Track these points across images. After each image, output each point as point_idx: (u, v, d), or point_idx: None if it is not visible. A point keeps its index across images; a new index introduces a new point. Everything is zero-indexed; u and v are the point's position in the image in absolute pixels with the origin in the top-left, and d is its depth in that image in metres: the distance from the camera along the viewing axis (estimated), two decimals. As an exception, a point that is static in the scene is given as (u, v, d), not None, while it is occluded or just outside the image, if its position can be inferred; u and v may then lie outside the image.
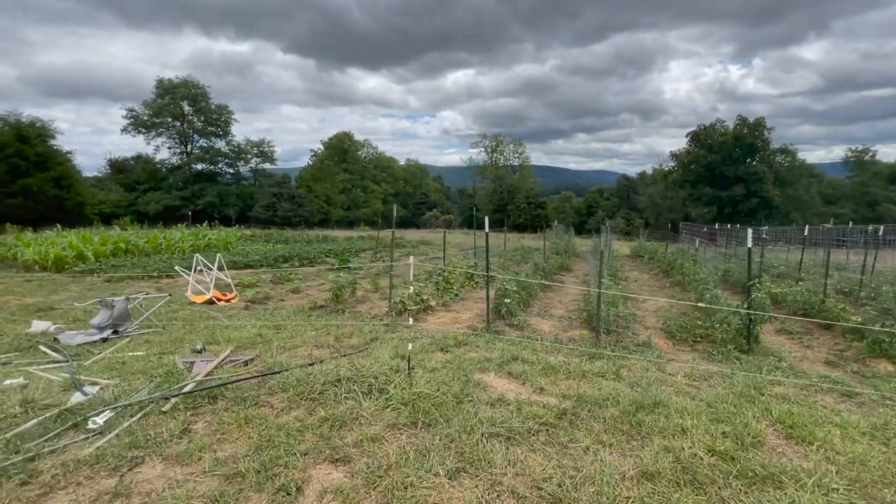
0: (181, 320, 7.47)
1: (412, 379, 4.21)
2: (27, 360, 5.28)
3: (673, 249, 18.84)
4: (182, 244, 16.94)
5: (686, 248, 19.01)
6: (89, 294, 9.67)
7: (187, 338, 6.28)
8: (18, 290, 9.95)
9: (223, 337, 6.30)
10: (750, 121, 50.27)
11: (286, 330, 6.86)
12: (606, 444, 3.37)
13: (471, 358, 5.27)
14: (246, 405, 3.88)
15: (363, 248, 21.73)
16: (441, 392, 3.96)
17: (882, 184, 51.18)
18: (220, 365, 4.86)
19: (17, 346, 5.81)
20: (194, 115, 53.00)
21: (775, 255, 17.21)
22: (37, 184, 33.60)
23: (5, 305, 8.34)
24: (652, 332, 7.38)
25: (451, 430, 3.40)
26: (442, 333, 6.69)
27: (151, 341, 6.14)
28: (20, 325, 6.87)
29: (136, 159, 54.12)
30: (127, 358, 5.31)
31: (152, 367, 4.94)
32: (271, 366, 4.83)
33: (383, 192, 73.95)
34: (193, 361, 4.98)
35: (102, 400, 3.92)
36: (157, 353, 5.55)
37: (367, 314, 8.24)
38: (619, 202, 76.36)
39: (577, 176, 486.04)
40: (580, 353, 5.79)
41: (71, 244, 13.82)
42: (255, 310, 8.52)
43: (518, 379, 4.62)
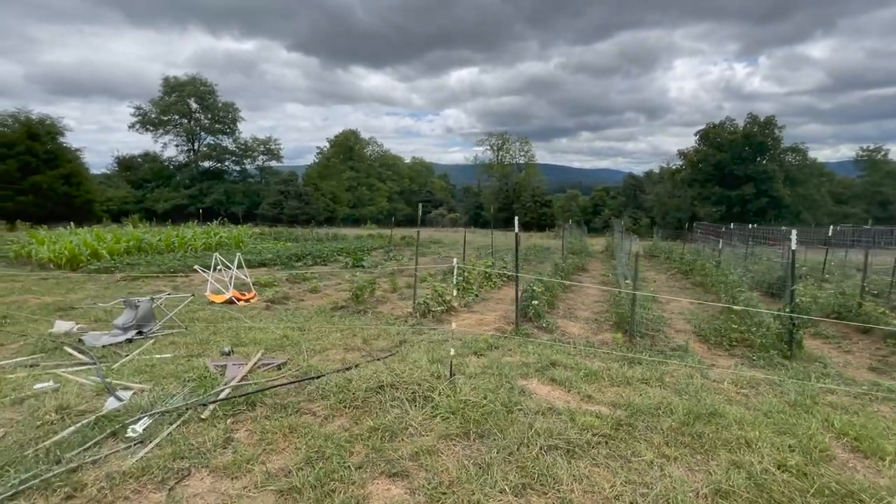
0: (203, 321, 7.35)
1: (456, 386, 4.05)
2: (54, 363, 5.17)
3: (688, 249, 18.61)
4: (194, 242, 16.86)
5: (701, 247, 18.77)
6: (107, 293, 9.58)
7: (212, 339, 6.16)
8: (36, 289, 9.88)
9: (248, 338, 6.18)
10: (760, 119, 49.77)
11: (310, 331, 6.73)
12: (670, 457, 3.21)
13: (508, 362, 5.11)
14: (287, 412, 3.74)
15: (373, 246, 21.59)
16: (488, 400, 3.80)
17: (894, 183, 50.56)
18: (252, 369, 4.72)
19: (42, 347, 5.69)
20: (201, 112, 53.08)
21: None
22: (47, 181, 33.69)
23: (25, 305, 8.26)
24: (683, 335, 7.20)
25: (506, 441, 3.24)
26: (471, 336, 6.54)
27: (177, 342, 6.02)
28: (42, 325, 6.77)
29: (144, 157, 54.28)
30: (155, 360, 5.19)
31: (182, 370, 4.81)
32: (305, 370, 4.69)
33: (389, 190, 73.85)
34: (225, 365, 4.85)
35: (139, 406, 3.79)
36: (185, 355, 5.43)
37: (390, 315, 8.10)
38: (626, 201, 75.88)
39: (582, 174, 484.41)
40: (616, 357, 5.63)
41: (85, 242, 13.75)
42: (275, 310, 8.40)
43: (562, 386, 4.46)
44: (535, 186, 75.21)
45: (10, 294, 9.25)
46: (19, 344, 5.91)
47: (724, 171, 50.62)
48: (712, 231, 20.46)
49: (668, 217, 57.05)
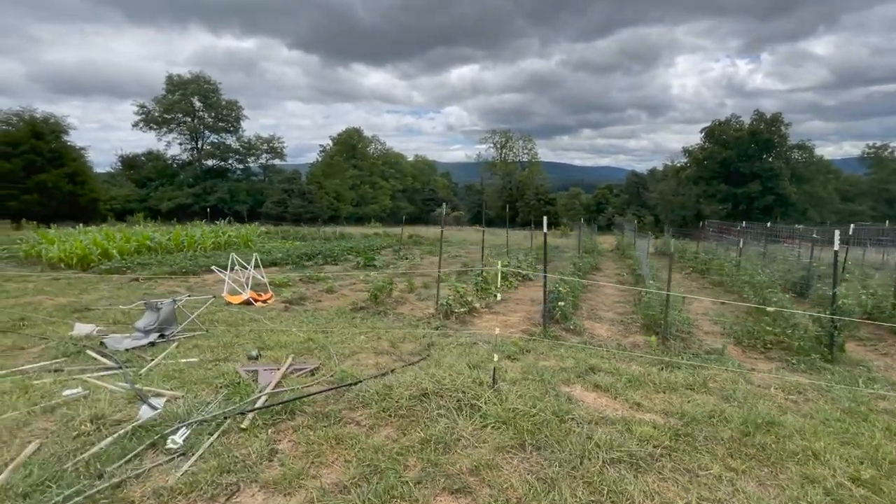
0: (222, 322, 7.22)
1: (501, 394, 3.91)
2: (78, 367, 5.04)
3: (701, 248, 18.44)
4: (204, 242, 16.73)
5: (714, 246, 18.60)
6: (121, 294, 9.46)
7: (235, 342, 6.02)
8: (49, 290, 9.75)
9: (273, 341, 6.04)
10: (767, 116, 49.46)
11: (333, 334, 6.60)
12: (738, 471, 3.06)
13: (545, 367, 4.96)
14: (329, 422, 3.60)
15: (381, 245, 21.42)
16: (538, 409, 3.66)
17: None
18: (285, 375, 4.59)
19: (64, 350, 5.56)
20: (205, 110, 52.92)
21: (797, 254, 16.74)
22: (51, 180, 33.56)
23: (40, 306, 8.13)
24: (713, 337, 7.05)
25: (566, 454, 3.10)
26: (500, 339, 6.39)
27: (200, 346, 5.88)
28: (61, 328, 6.64)
29: (147, 155, 54.14)
30: (182, 365, 5.05)
31: (212, 375, 4.67)
32: (340, 376, 4.55)
33: (392, 189, 73.69)
34: (256, 370, 4.72)
35: (175, 415, 3.65)
36: (212, 359, 5.29)
37: (411, 316, 7.96)
38: (630, 199, 75.59)
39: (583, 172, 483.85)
40: (653, 361, 5.48)
41: (95, 241, 13.63)
42: (294, 311, 8.26)
43: (607, 392, 4.31)
44: (539, 184, 74.99)
45: (23, 295, 9.13)
46: (40, 347, 5.78)
47: (729, 168, 50.34)
48: (724, 229, 20.27)
49: (673, 215, 56.81)
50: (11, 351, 5.62)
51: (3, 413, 3.78)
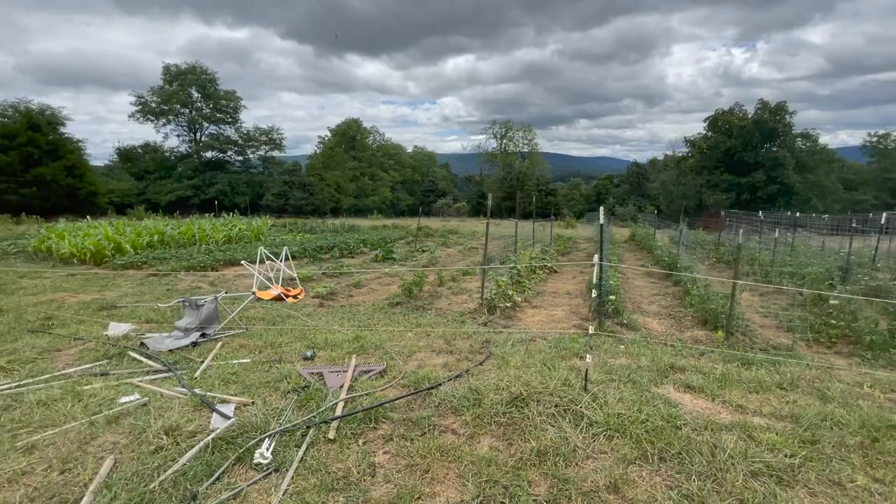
0: (258, 320, 6.92)
1: (598, 397, 3.64)
2: (126, 370, 4.73)
3: (715, 237, 18.22)
4: (215, 235, 16.35)
5: (733, 236, 18.39)
6: (143, 290, 9.12)
7: (281, 341, 5.73)
8: (67, 286, 9.39)
9: (321, 340, 5.75)
10: (771, 105, 49.13)
11: (378, 331, 6.32)
12: (884, 481, 2.82)
13: (623, 366, 4.70)
14: (420, 430, 3.33)
15: (393, 237, 21.06)
16: (645, 414, 3.40)
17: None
18: (354, 377, 4.30)
19: (105, 352, 5.25)
20: (203, 101, 52.00)
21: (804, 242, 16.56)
22: (50, 173, 32.86)
23: (63, 304, 7.78)
24: (769, 331, 6.82)
25: (698, 466, 2.84)
26: (554, 335, 6.13)
27: (246, 345, 5.59)
28: (93, 327, 6.32)
29: (145, 147, 53.23)
30: (236, 367, 4.76)
31: (273, 378, 4.38)
32: (415, 378, 4.27)
33: (391, 180, 73.11)
34: (320, 372, 4.43)
35: (252, 425, 3.37)
36: (264, 360, 5.00)
37: (451, 311, 7.68)
38: (630, 189, 75.36)
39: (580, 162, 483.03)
40: (725, 357, 5.23)
41: (108, 236, 13.23)
42: (329, 307, 7.96)
43: (702, 393, 4.06)
44: (540, 175, 74.59)
45: (42, 292, 8.77)
46: (77, 348, 5.46)
47: (733, 157, 50.09)
48: (737, 219, 20.07)
49: (674, 205, 56.61)
50: (48, 353, 5.30)
51: (61, 423, 3.49)
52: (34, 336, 5.90)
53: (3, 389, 4.20)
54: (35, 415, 3.64)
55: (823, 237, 14.44)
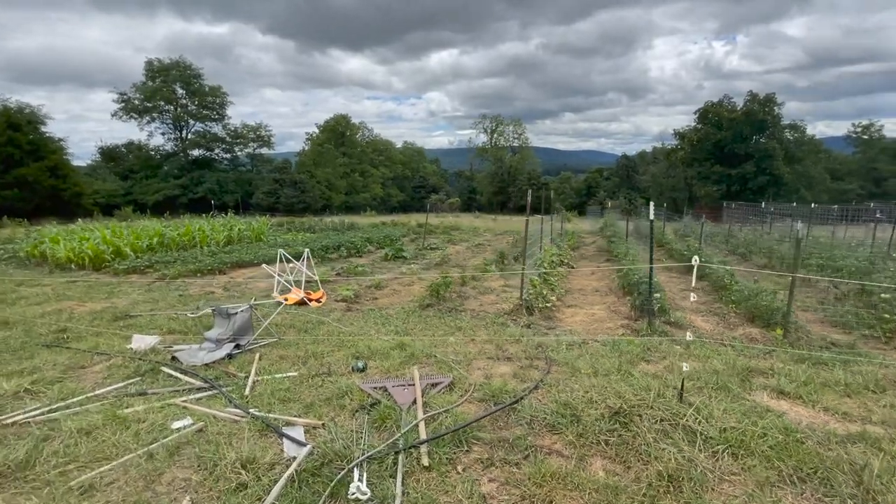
0: (287, 327, 6.54)
1: (700, 409, 3.38)
2: (165, 389, 4.34)
3: (716, 229, 18.22)
4: (216, 236, 15.79)
5: (739, 228, 18.42)
6: (154, 296, 8.63)
7: (321, 350, 5.37)
8: (71, 294, 8.86)
9: (363, 348, 5.42)
10: (760, 96, 49.65)
11: (416, 335, 6.01)
12: None
13: (696, 371, 4.46)
14: (521, 453, 3.03)
15: (395, 234, 20.65)
16: (760, 427, 3.14)
17: (888, 159, 51.21)
18: (424, 391, 3.97)
19: (135, 368, 4.84)
20: (188, 98, 50.66)
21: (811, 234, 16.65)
22: (32, 174, 31.58)
23: (73, 314, 7.28)
24: (816, 326, 6.66)
25: (848, 488, 2.59)
26: (604, 337, 5.88)
27: (286, 356, 5.22)
28: (112, 340, 5.87)
29: (128, 146, 51.77)
30: (286, 382, 4.40)
31: (332, 394, 4.04)
32: (491, 390, 3.96)
33: (382, 177, 72.35)
34: (384, 387, 4.10)
35: (333, 452, 3.03)
36: (314, 373, 4.64)
37: (486, 313, 7.39)
38: (620, 182, 75.78)
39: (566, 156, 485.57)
40: (792, 357, 5.03)
41: (106, 239, 12.62)
42: (357, 311, 7.60)
43: (797, 399, 3.84)
44: (531, 169, 74.58)
45: (46, 301, 8.24)
46: (103, 364, 5.04)
47: (723, 149, 50.55)
48: (748, 211, 20.12)
49: (663, 197, 57.06)
50: (72, 371, 4.87)
51: (114, 456, 3.11)
52: (50, 352, 5.45)
53: (36, 416, 3.79)
54: (80, 446, 3.26)
55: (833, 226, 14.47)
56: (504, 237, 22.30)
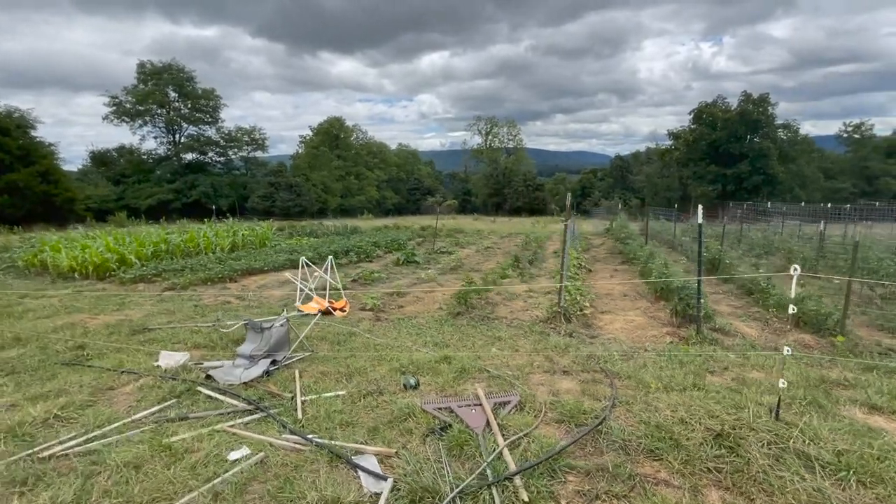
0: (318, 339, 6.23)
1: (808, 429, 3.15)
2: (209, 412, 4.02)
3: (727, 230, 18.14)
4: (221, 242, 15.38)
5: (747, 228, 18.38)
6: (168, 306, 8.26)
7: (361, 366, 5.08)
8: (80, 306, 8.46)
9: (404, 361, 5.14)
10: (754, 96, 50.08)
11: (457, 346, 5.76)
12: None
13: (756, 380, 4.24)
14: (625, 484, 2.77)
15: (403, 238, 20.33)
16: (877, 448, 2.92)
17: (880, 157, 51.88)
18: (494, 412, 3.70)
19: (170, 389, 4.52)
20: (181, 101, 49.93)
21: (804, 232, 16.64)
22: (23, 179, 30.76)
23: (88, 329, 6.90)
24: (862, 329, 6.50)
25: None
26: (652, 346, 5.66)
27: (328, 373, 4.92)
28: (136, 357, 5.53)
29: (120, 150, 50.87)
30: (338, 403, 4.10)
31: (395, 417, 3.76)
32: (562, 411, 3.70)
33: (377, 179, 71.93)
34: (448, 407, 3.82)
35: (423, 487, 2.75)
36: (364, 392, 4.35)
37: (520, 320, 7.15)
38: (614, 182, 76.09)
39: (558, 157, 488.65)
40: (859, 366, 4.84)
41: (109, 247, 12.19)
42: (386, 320, 7.31)
43: (893, 415, 3.62)
44: (527, 171, 74.62)
45: (55, 314, 7.84)
46: (132, 385, 4.71)
47: (718, 149, 50.90)
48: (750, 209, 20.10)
49: (658, 197, 57.31)
50: (101, 393, 4.53)
51: (174, 495, 2.81)
52: (72, 371, 5.10)
53: (75, 447, 3.46)
54: (132, 484, 2.94)
55: (847, 225, 14.42)
56: (510, 240, 22.09)
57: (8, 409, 4.19)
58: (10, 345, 6.06)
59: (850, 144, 55.61)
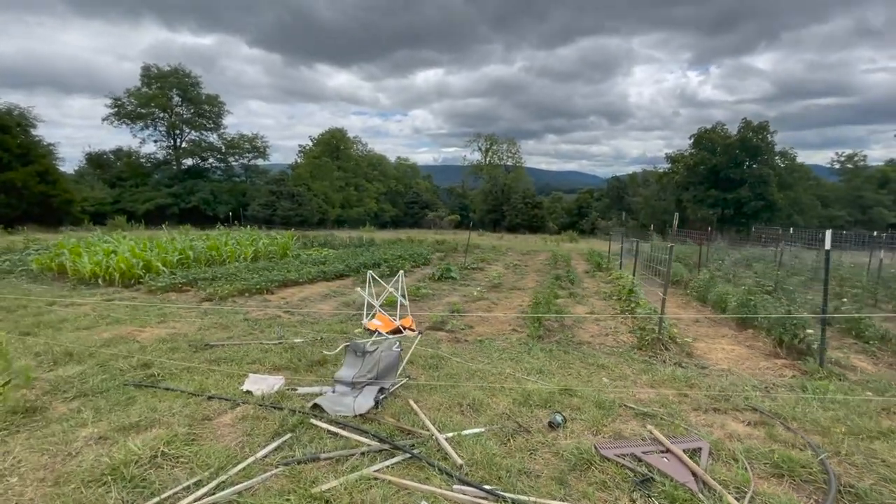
0: (405, 362, 5.68)
1: None
2: (344, 452, 3.45)
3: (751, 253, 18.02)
4: (245, 251, 14.72)
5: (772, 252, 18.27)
6: (216, 321, 7.62)
7: (478, 396, 4.56)
8: (117, 316, 7.78)
9: (517, 393, 4.64)
10: (754, 123, 51.13)
11: (559, 374, 5.30)
12: None
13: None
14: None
15: (423, 252, 19.78)
16: None
17: (873, 188, 53.15)
18: (682, 458, 3.21)
19: (282, 422, 3.93)
20: (184, 105, 49.24)
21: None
22: (21, 178, 29.62)
23: (143, 345, 6.24)
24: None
25: None
26: (772, 378, 5.24)
27: (443, 404, 4.39)
28: (213, 379, 4.92)
29: (117, 153, 49.78)
30: (489, 443, 3.58)
31: (568, 464, 3.25)
32: (775, 461, 3.23)
33: (376, 191, 71.55)
34: (632, 453, 3.32)
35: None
36: (504, 431, 3.83)
37: (606, 346, 6.70)
38: (611, 203, 76.76)
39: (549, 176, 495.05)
40: None
41: (135, 253, 11.49)
42: (463, 341, 6.79)
43: None
44: (526, 188, 74.94)
45: (95, 325, 7.15)
46: (232, 415, 4.11)
47: (718, 174, 51.66)
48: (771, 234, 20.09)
49: (655, 219, 57.82)
50: (199, 423, 3.93)
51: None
52: (147, 394, 4.49)
53: (208, 498, 2.88)
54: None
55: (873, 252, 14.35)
56: (530, 257, 21.71)
57: (98, 443, 3.59)
58: (64, 361, 5.41)
59: (842, 174, 56.92)
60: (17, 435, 3.68)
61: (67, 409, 4.18)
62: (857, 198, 53.13)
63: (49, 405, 4.23)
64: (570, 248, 30.74)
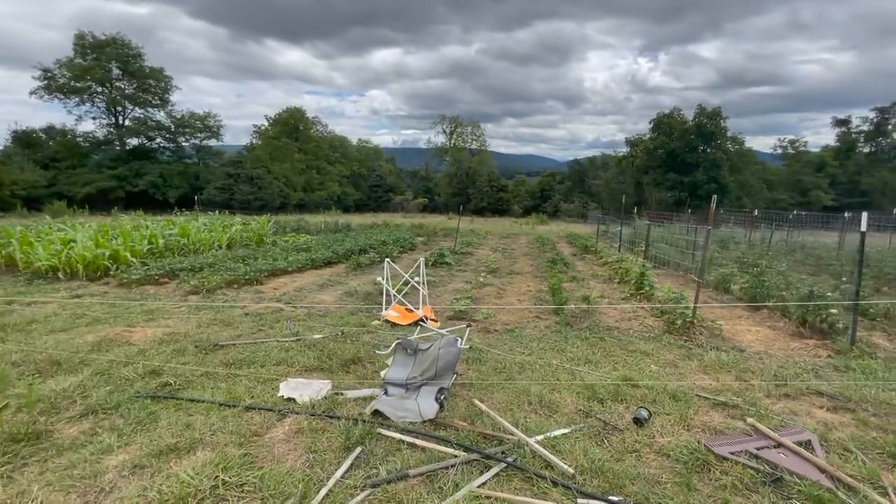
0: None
1: None
2: (436, 466, 3.05)
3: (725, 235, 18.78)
4: (219, 238, 13.63)
5: (742, 234, 19.11)
6: (212, 317, 6.88)
7: (538, 391, 4.28)
8: (95, 315, 6.86)
9: (577, 385, 4.42)
10: (708, 110, 53.36)
11: (611, 364, 5.12)
12: None
13: None
14: None
15: (406, 237, 19.20)
16: None
17: (811, 171, 57.10)
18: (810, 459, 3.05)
19: (347, 434, 3.45)
20: (125, 79, 45.13)
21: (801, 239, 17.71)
22: (-64, 159, 26.06)
23: (140, 347, 5.47)
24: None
25: None
26: (810, 366, 5.29)
27: (509, 402, 4.06)
28: (242, 385, 4.34)
29: (49, 131, 45.13)
30: (591, 447, 3.29)
31: (684, 466, 3.02)
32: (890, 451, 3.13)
33: (339, 174, 69.32)
34: (746, 451, 3.12)
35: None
36: (590, 429, 3.56)
37: (633, 330, 6.62)
38: (572, 186, 78.43)
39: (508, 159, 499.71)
40: None
41: (98, 242, 10.29)
42: (493, 331, 6.47)
43: None
44: (490, 171, 75.04)
45: (72, 326, 6.24)
46: (283, 429, 3.60)
47: (676, 158, 53.75)
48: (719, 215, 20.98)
49: (615, 201, 59.70)
50: (249, 441, 3.40)
51: None
52: (168, 407, 3.87)
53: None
54: None
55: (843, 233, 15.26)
56: (512, 240, 21.66)
57: (134, 472, 3.00)
58: (51, 371, 4.62)
59: (785, 159, 60.77)
60: (26, 469, 3.01)
61: (78, 431, 3.51)
62: (798, 181, 56.96)
63: (53, 427, 3.55)
64: (544, 230, 31.02)
